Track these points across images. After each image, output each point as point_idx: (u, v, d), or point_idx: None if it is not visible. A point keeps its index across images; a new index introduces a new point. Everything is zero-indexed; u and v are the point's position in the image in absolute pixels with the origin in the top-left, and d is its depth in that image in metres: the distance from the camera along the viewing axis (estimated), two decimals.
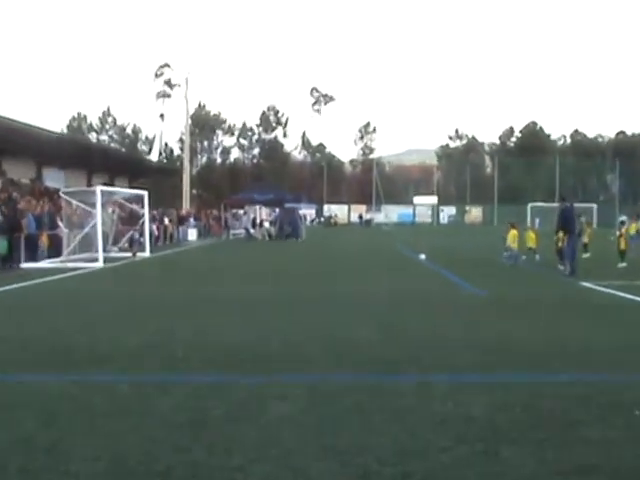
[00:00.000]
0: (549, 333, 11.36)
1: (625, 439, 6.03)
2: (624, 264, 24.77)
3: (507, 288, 18.61)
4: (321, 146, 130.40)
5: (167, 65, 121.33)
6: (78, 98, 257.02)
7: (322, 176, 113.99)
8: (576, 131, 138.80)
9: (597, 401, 7.17)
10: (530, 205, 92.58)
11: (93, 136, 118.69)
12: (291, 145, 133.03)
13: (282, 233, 51.75)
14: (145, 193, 34.63)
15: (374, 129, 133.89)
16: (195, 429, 6.23)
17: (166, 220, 48.17)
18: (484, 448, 5.74)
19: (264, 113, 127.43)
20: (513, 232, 26.58)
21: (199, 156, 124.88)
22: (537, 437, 6.02)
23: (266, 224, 54.86)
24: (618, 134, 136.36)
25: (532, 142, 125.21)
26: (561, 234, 24.18)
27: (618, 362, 9.21)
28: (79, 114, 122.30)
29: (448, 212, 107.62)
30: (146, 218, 34.40)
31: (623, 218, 34.96)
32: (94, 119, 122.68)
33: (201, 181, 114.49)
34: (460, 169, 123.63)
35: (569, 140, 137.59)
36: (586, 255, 29.43)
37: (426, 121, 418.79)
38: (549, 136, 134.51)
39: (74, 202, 29.28)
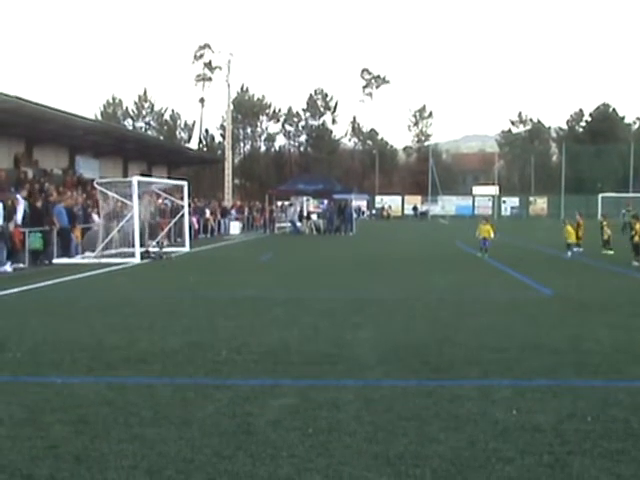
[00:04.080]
0: (623, 335, 11.20)
1: None
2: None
3: (575, 286, 18.38)
4: (373, 132, 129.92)
5: (207, 46, 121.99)
6: (113, 82, 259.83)
7: (374, 165, 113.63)
8: None
9: None
10: (601, 196, 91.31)
11: (129, 122, 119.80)
12: (340, 131, 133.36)
13: (331, 227, 51.64)
14: (185, 183, 34.89)
15: (430, 114, 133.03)
16: (239, 436, 6.27)
17: (207, 212, 48.48)
18: (552, 460, 5.69)
19: (311, 97, 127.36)
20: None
21: (242, 144, 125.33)
22: (611, 449, 5.94)
23: (314, 217, 54.86)
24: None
25: (604, 126, 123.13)
26: (638, 226, 23.90)
27: None
28: (114, 99, 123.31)
29: (510, 203, 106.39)
30: (185, 210, 34.65)
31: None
32: (130, 104, 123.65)
33: (244, 170, 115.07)
34: (524, 157, 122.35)
35: None
36: (609, 252, 29.29)
37: (486, 104, 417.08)
38: (623, 119, 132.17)
39: (110, 193, 29.58)
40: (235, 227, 51.55)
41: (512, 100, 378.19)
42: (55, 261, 25.74)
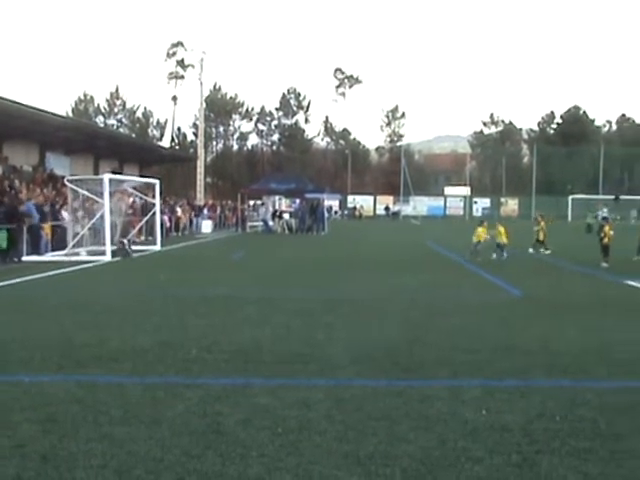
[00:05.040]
0: (592, 336, 11.29)
1: None
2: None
3: (545, 287, 18.51)
4: (345, 132, 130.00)
5: (180, 44, 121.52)
6: (84, 78, 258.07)
7: (346, 164, 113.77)
8: (623, 116, 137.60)
9: None
10: (571, 197, 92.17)
11: (100, 120, 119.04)
12: (313, 131, 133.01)
13: (303, 226, 51.72)
14: (157, 182, 34.75)
15: (403, 114, 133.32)
16: (209, 435, 6.26)
17: (179, 211, 48.32)
18: (520, 459, 5.73)
19: (284, 96, 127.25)
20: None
21: (214, 142, 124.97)
22: (578, 448, 6.00)
23: (286, 216, 54.85)
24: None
25: (574, 128, 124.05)
26: (607, 229, 24.31)
27: None
28: (85, 96, 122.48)
29: (482, 204, 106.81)
30: (157, 209, 34.52)
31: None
32: (101, 101, 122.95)
33: (216, 169, 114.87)
34: (495, 158, 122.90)
35: (615, 126, 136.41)
36: (547, 252, 30.18)
37: (458, 105, 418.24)
38: (593, 122, 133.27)
39: (81, 191, 29.37)
40: (207, 226, 51.46)
41: (484, 101, 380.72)
42: (25, 259, 25.54)
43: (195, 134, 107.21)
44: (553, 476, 5.40)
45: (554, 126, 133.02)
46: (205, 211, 55.35)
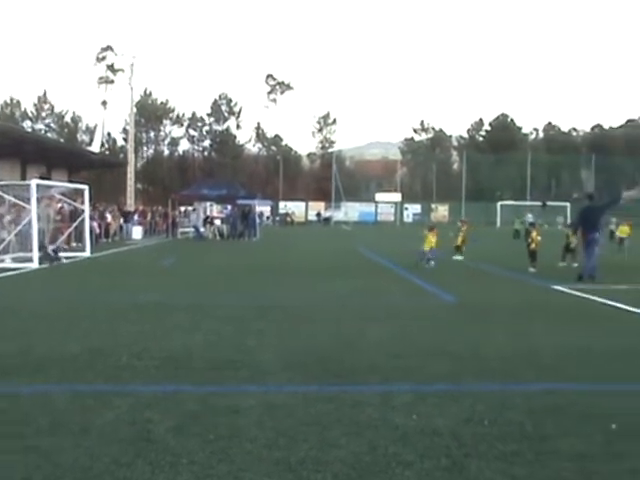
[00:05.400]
0: (521, 341, 11.46)
1: (600, 453, 6.10)
2: (564, 264, 25.54)
3: (476, 292, 18.74)
4: (277, 138, 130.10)
5: (110, 48, 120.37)
6: (11, 82, 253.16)
7: (278, 170, 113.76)
8: (549, 124, 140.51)
9: (570, 413, 7.26)
10: (500, 203, 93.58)
11: (27, 124, 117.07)
12: (245, 137, 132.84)
13: (235, 232, 51.65)
14: (86, 187, 34.29)
15: (334, 120, 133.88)
16: (138, 443, 6.18)
17: (108, 217, 47.77)
18: (450, 463, 5.79)
19: (215, 102, 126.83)
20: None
21: (145, 148, 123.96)
22: (506, 451, 6.08)
23: (217, 222, 54.65)
24: (594, 128, 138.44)
25: (502, 136, 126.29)
26: (534, 234, 24.91)
27: (592, 371, 9.32)
28: (12, 100, 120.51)
29: (413, 210, 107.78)
30: (86, 215, 34.06)
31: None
32: (29, 105, 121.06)
33: (147, 175, 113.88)
34: (426, 164, 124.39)
35: (542, 134, 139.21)
36: (459, 258, 30.35)
37: (389, 112, 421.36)
38: (520, 129, 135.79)
39: (6, 197, 28.83)
40: (137, 232, 50.94)
41: (415, 108, 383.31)
42: None
43: (125, 139, 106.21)
44: (481, 479, 5.47)
45: (483, 133, 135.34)
46: (135, 217, 54.80)
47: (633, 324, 13.69)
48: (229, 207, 58.96)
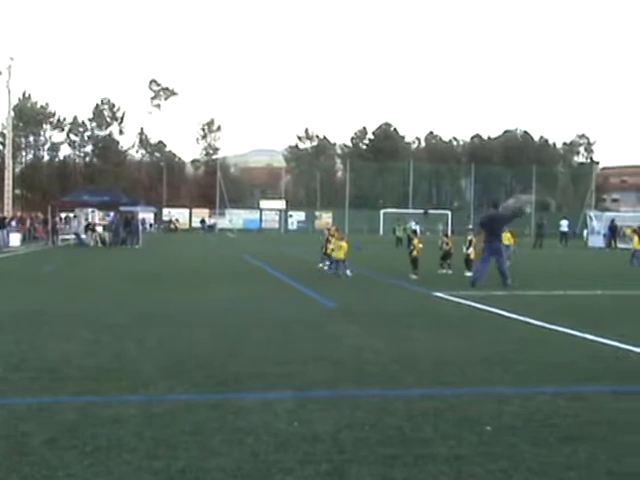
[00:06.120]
0: (400, 346, 11.64)
1: (476, 455, 6.26)
2: (470, 274, 25.89)
3: (358, 299, 18.93)
4: (161, 144, 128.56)
5: None
6: None
7: (162, 177, 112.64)
8: (431, 133, 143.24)
9: (448, 417, 7.42)
10: (383, 211, 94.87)
11: None
12: (128, 143, 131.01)
13: (117, 239, 50.90)
14: None
15: (218, 127, 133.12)
16: (13, 457, 6.01)
17: None
18: (330, 468, 5.84)
19: (97, 107, 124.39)
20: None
21: (23, 153, 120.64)
22: (386, 455, 6.18)
23: (99, 229, 53.73)
24: (473, 138, 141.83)
25: (385, 144, 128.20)
26: (416, 242, 25.39)
27: (469, 376, 9.54)
28: None
29: (297, 217, 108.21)
30: None
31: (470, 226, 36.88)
32: None
33: (25, 180, 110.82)
34: (310, 172, 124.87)
35: (423, 143, 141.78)
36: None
37: (274, 120, 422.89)
38: (403, 138, 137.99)
39: None
40: (15, 239, 49.55)
41: (299, 116, 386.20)
42: None
43: (2, 144, 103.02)
44: None
45: (366, 142, 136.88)
46: (13, 223, 53.31)
47: (509, 329, 14.06)
48: (111, 214, 58.06)
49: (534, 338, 12.89)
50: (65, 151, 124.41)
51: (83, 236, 52.20)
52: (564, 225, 64.73)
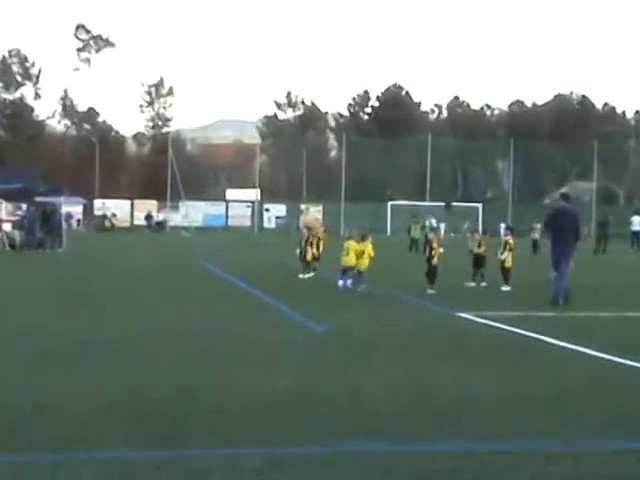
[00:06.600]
0: (413, 384, 11.61)
1: None
2: (508, 288, 25.80)
3: (356, 321, 18.86)
4: (92, 113, 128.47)
5: None
6: None
7: (93, 157, 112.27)
8: (456, 100, 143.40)
9: None
10: (391, 204, 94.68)
11: None
12: (46, 110, 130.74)
13: (32, 240, 50.59)
14: None
15: (170, 90, 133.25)
16: None
17: None
18: None
19: (4, 61, 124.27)
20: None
21: None
22: None
23: (6, 227, 53.57)
24: (513, 105, 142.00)
25: (395, 114, 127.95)
26: (435, 245, 25.18)
27: (502, 424, 9.48)
28: None
29: (275, 212, 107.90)
30: None
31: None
32: None
33: None
34: (293, 151, 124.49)
35: (446, 113, 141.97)
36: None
37: (245, 81, 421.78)
38: (419, 106, 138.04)
39: None
40: None
41: (280, 77, 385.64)
42: None
43: None
44: None
45: (369, 111, 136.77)
46: None
47: (559, 363, 14.00)
48: (24, 206, 57.93)
49: (594, 375, 12.87)
50: None
51: None
52: (636, 223, 62.59)
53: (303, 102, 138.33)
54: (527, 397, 10.87)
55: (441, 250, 26.22)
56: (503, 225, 38.99)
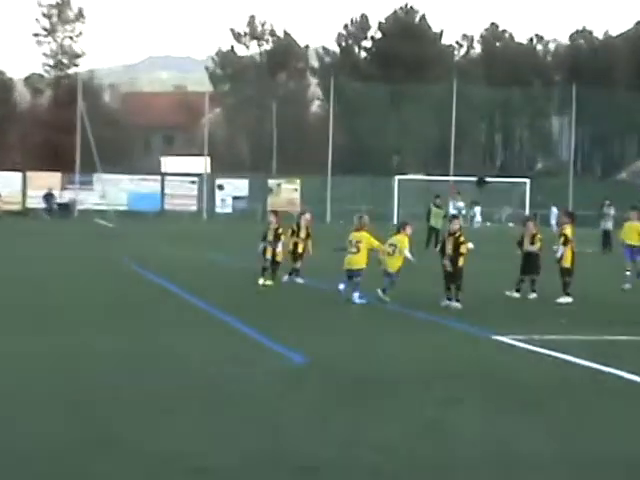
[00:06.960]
0: (429, 438, 11.75)
1: None
2: (568, 299, 25.86)
3: (348, 348, 18.96)
4: None
5: None
6: None
7: None
8: (493, 27, 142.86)
9: None
10: (398, 178, 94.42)
11: None
12: None
13: None
14: None
15: (80, 13, 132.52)
16: None
17: None
18: None
19: None
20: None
21: None
22: None
23: None
24: (574, 36, 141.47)
25: (404, 48, 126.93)
26: (461, 239, 25.04)
27: None
28: None
29: (233, 190, 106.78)
30: None
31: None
32: None
33: None
34: (259, 103, 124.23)
35: (478, 47, 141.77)
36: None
37: (189, 3, 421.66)
38: (439, 37, 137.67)
39: None
40: None
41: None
42: None
43: None
44: None
45: (368, 44, 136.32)
46: None
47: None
48: None
49: None
50: None
51: None
52: None
53: (273, 32, 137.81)
54: (591, 458, 10.96)
55: (470, 245, 26.06)
56: (555, 210, 38.82)
